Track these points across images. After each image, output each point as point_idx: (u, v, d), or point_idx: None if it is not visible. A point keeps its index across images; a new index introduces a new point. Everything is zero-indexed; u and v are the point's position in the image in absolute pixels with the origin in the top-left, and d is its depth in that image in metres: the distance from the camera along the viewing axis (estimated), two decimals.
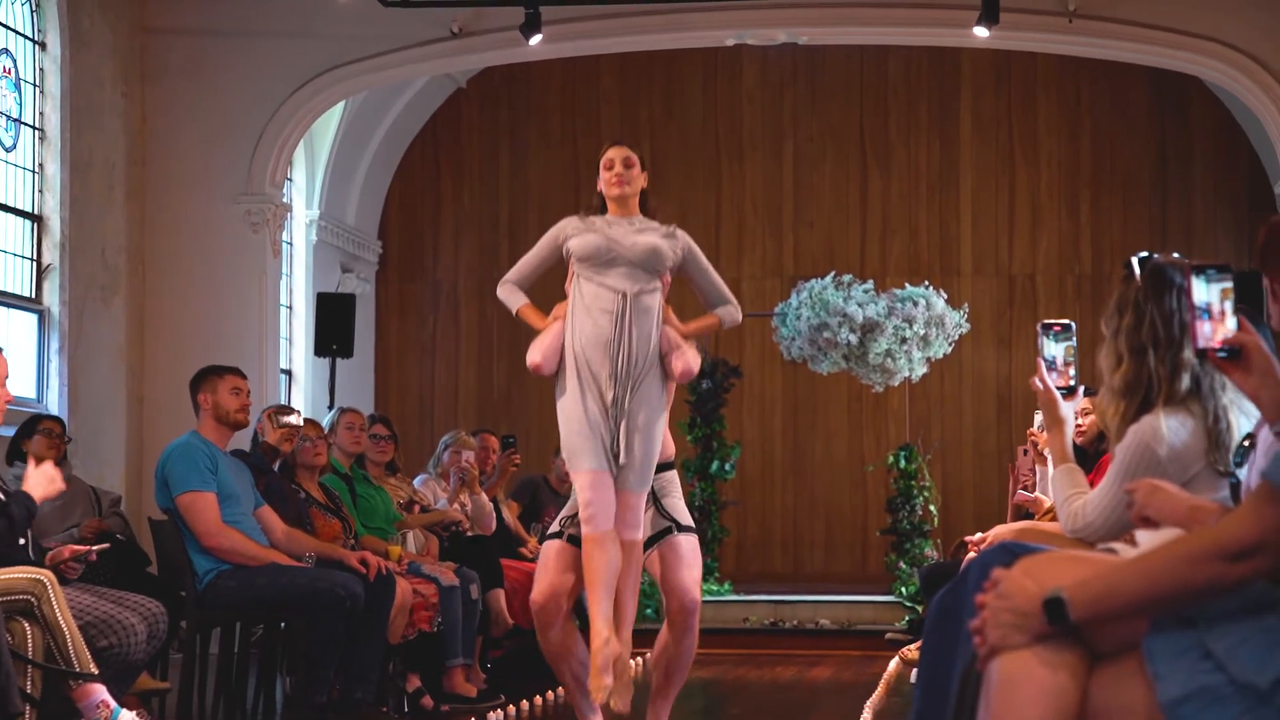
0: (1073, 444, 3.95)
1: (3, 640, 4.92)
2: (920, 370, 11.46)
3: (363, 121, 13.50)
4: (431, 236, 14.48)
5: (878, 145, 14.20)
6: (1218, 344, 2.72)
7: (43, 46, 10.21)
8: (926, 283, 11.64)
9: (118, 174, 10.72)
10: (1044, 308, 13.70)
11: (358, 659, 6.63)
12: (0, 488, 5.51)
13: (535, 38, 10.71)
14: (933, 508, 11.73)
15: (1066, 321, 3.98)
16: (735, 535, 12.93)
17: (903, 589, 11.28)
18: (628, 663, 5.51)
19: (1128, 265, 3.66)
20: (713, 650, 9.66)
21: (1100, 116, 13.97)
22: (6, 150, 9.92)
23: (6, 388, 5.51)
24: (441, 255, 14.47)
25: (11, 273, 9.88)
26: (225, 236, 11.09)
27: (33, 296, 10.00)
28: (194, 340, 10.72)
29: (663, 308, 5.60)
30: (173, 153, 11.08)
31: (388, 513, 7.85)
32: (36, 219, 10.06)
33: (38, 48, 10.19)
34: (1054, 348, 3.94)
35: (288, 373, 12.90)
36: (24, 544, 5.50)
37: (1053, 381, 3.93)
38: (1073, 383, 3.94)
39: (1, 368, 5.48)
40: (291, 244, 12.90)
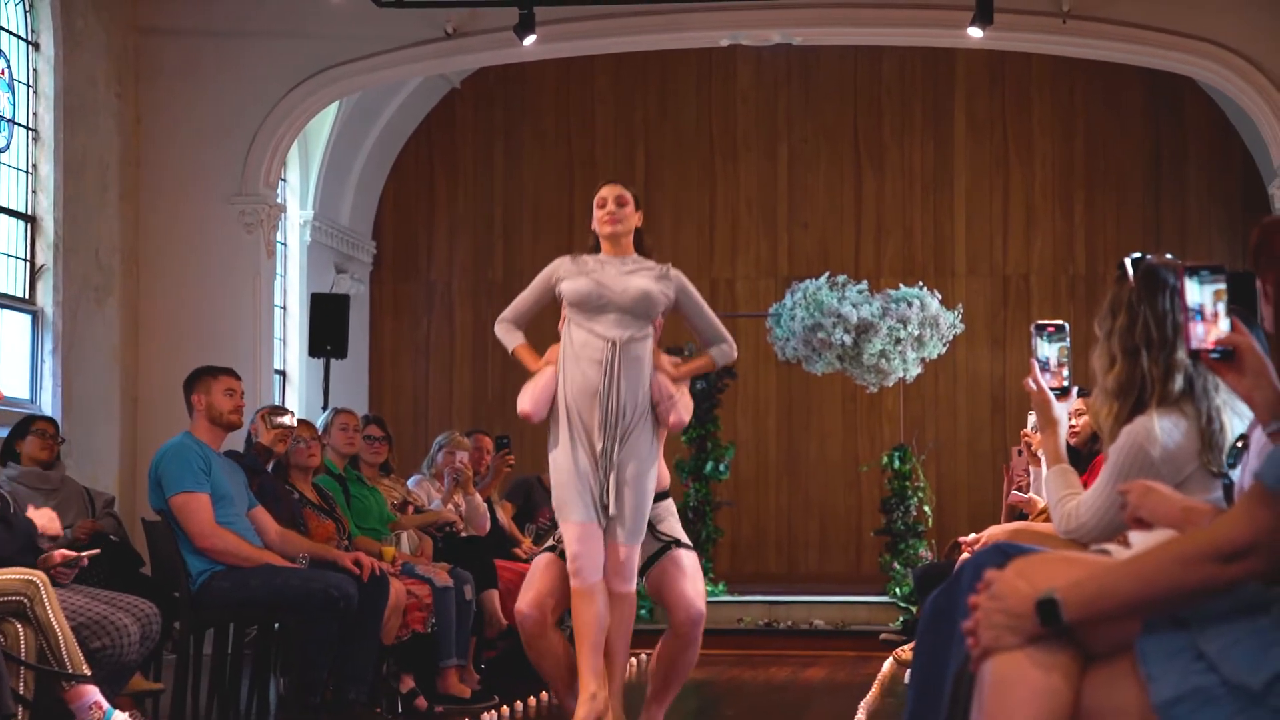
0: (1066, 445, 3.95)
1: None
2: (914, 371, 11.47)
3: (357, 122, 13.49)
4: (426, 237, 14.46)
5: (872, 145, 14.20)
6: (1211, 345, 2.72)
7: (36, 46, 10.19)
8: (921, 283, 11.66)
9: (112, 174, 10.71)
10: (1038, 308, 13.69)
11: (351, 660, 6.62)
12: None
13: (529, 38, 10.70)
14: (927, 508, 11.73)
15: (1060, 322, 3.98)
16: (730, 536, 12.92)
17: (897, 590, 11.28)
18: (620, 716, 5.54)
19: (1121, 266, 3.66)
20: (707, 651, 9.54)
21: (1094, 117, 13.97)
22: (0, 150, 9.91)
23: None
24: (436, 256, 14.45)
25: (5, 273, 9.87)
26: (219, 237, 11.08)
27: (26, 297, 9.99)
28: (188, 341, 10.70)
29: (654, 353, 5.58)
30: (167, 153, 11.06)
31: (382, 513, 7.84)
32: (30, 219, 10.05)
33: (31, 48, 10.18)
34: (1047, 348, 3.94)
35: (282, 373, 12.89)
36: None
37: (1046, 382, 3.93)
38: (1066, 383, 3.94)
39: None
40: (285, 244, 12.89)
